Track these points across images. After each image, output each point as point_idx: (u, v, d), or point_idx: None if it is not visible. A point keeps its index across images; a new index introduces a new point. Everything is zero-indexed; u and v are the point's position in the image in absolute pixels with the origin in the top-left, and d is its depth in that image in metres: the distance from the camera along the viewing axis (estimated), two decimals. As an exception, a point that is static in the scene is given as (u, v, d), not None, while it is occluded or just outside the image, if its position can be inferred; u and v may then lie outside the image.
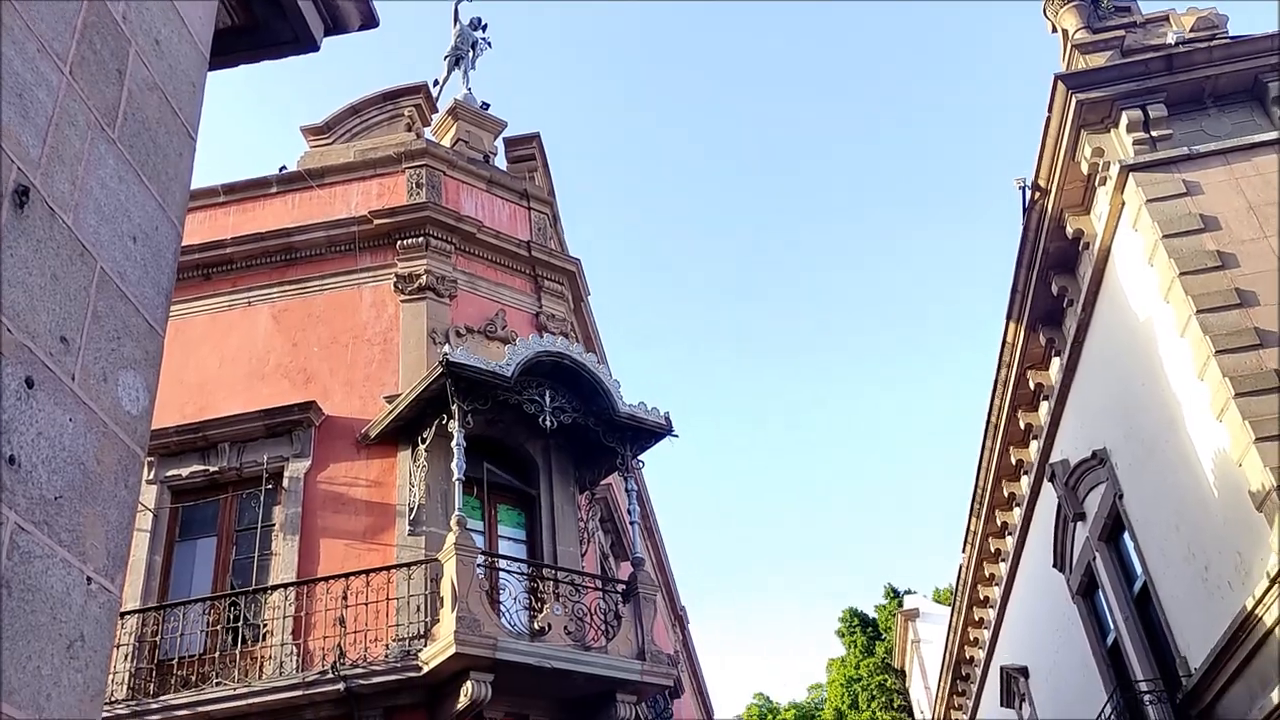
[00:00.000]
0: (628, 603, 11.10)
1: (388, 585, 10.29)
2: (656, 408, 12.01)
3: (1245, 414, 10.01)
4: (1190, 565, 11.80)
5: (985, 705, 24.94)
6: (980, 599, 22.88)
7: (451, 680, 9.62)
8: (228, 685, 9.75)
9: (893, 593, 40.19)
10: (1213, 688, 11.54)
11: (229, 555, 11.13)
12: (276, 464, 11.36)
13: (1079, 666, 16.10)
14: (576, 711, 10.60)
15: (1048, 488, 16.16)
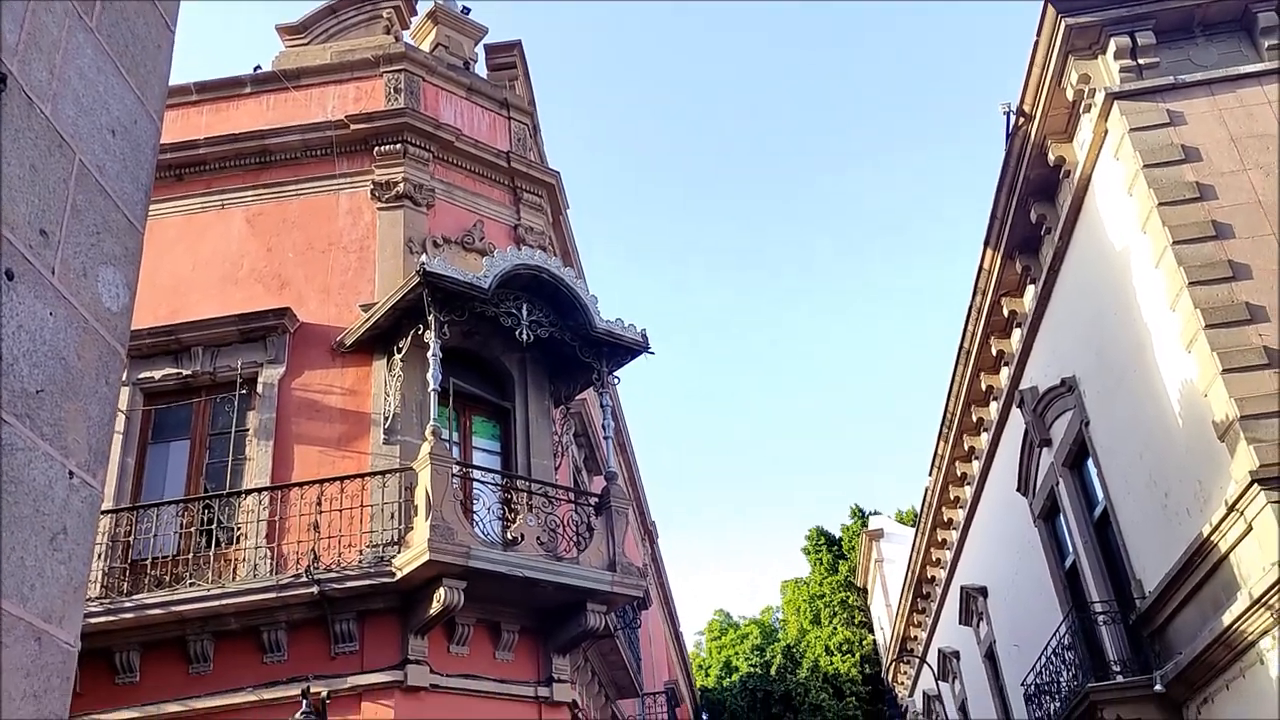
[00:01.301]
0: (600, 515, 11.24)
1: (362, 492, 10.36)
2: (634, 324, 12.01)
3: (1214, 345, 10.15)
4: (1151, 492, 12.07)
5: (944, 622, 25.63)
6: (944, 521, 23.35)
7: (424, 587, 9.76)
8: (201, 586, 9.84)
9: (859, 513, 40.90)
10: (1165, 610, 11.90)
11: (202, 459, 11.14)
12: (250, 369, 11.31)
13: (1037, 588, 16.53)
14: (547, 620, 10.81)
15: (1016, 414, 16.40)
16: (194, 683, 9.74)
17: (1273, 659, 9.79)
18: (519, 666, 10.64)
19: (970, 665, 23.03)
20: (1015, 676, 17.55)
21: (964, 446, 20.17)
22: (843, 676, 35.74)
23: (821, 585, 40.14)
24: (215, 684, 9.72)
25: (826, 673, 35.72)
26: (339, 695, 9.61)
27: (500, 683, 10.41)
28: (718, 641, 42.69)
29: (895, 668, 32.80)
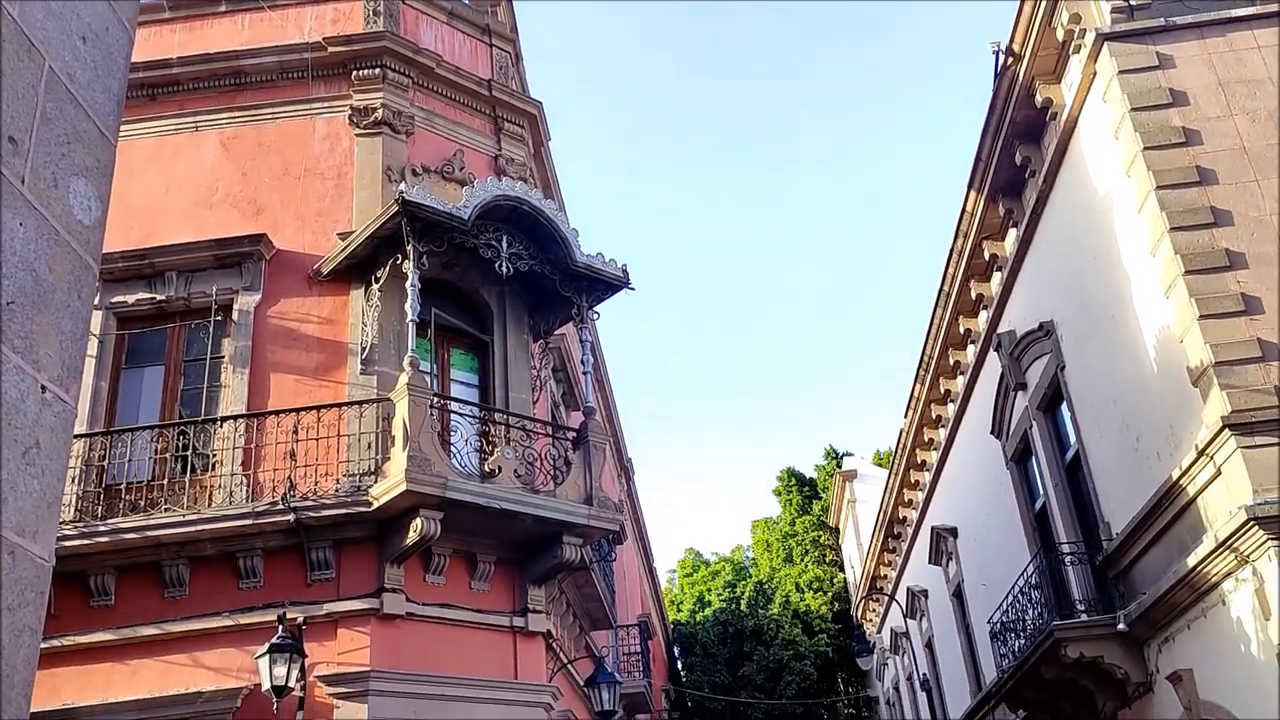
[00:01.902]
0: (577, 450, 11.26)
1: (339, 422, 10.31)
2: (614, 259, 11.92)
3: (1192, 291, 10.20)
4: (1123, 436, 12.20)
5: (914, 562, 26.03)
6: (918, 462, 23.59)
7: (401, 516, 9.77)
8: (177, 512, 9.82)
9: (833, 454, 41.25)
10: (1131, 551, 12.10)
11: (177, 385, 11.04)
12: (226, 296, 11.17)
13: (1007, 529, 16.77)
14: (523, 552, 10.87)
15: (993, 357, 16.49)
16: (169, 607, 9.76)
17: (1235, 600, 9.99)
18: (495, 597, 10.72)
19: (938, 604, 23.44)
20: (982, 615, 17.88)
21: (940, 389, 20.30)
22: (813, 613, 36.34)
23: (794, 525, 40.62)
24: (191, 608, 9.75)
25: (797, 609, 36.29)
26: (315, 622, 9.67)
27: (476, 612, 10.49)
28: (690, 578, 43.22)
29: (864, 605, 33.37)
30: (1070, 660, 12.40)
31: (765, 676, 33.34)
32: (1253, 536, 9.32)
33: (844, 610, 37.14)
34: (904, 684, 28.84)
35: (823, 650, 34.89)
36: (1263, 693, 9.61)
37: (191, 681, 9.49)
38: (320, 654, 9.58)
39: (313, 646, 9.52)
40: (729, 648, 34.87)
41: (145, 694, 9.43)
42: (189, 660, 9.58)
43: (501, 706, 10.31)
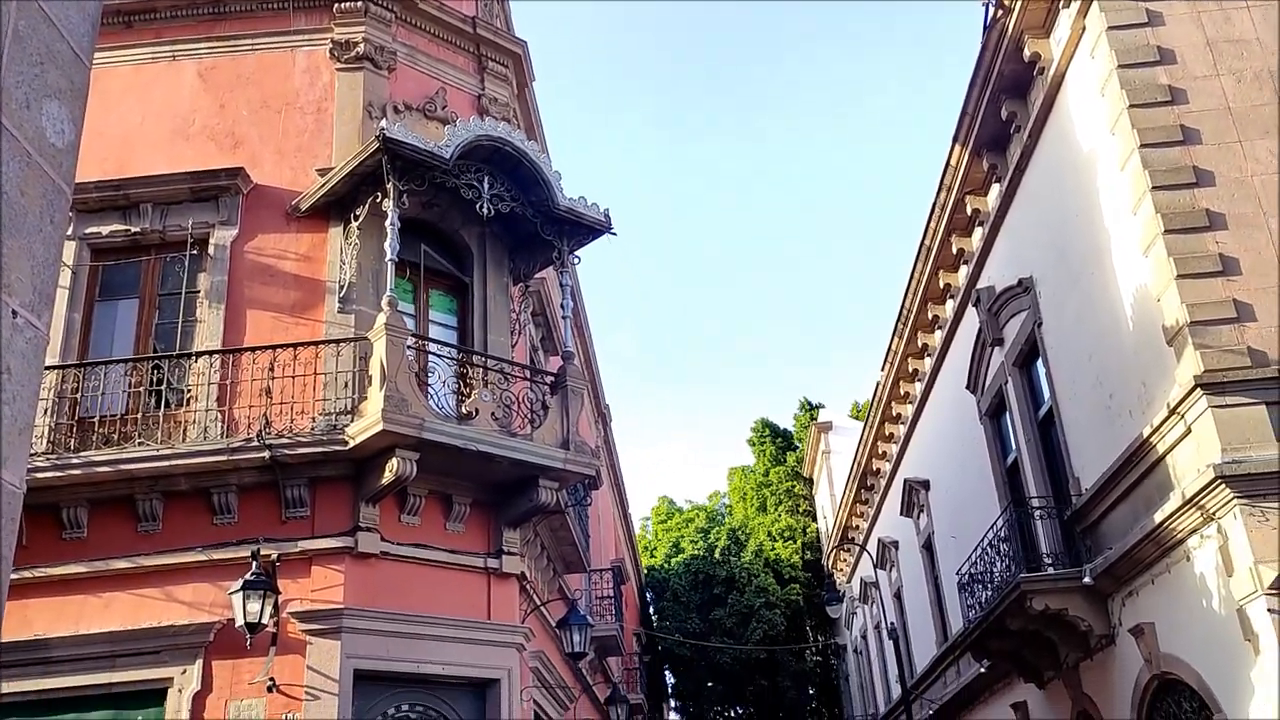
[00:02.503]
0: (555, 394, 11.26)
1: (315, 360, 10.25)
2: (596, 204, 11.85)
3: (1171, 250, 10.24)
4: (1096, 393, 12.31)
5: (886, 513, 26.33)
6: (893, 415, 23.76)
7: (377, 456, 9.76)
8: (150, 446, 9.76)
9: (808, 406, 41.49)
10: (1099, 507, 12.27)
11: (151, 319, 10.92)
12: (202, 230, 11.02)
13: (978, 483, 16.96)
14: (499, 494, 10.90)
15: (971, 313, 16.56)
16: (142, 541, 9.75)
17: (1199, 557, 10.16)
18: (469, 538, 10.76)
19: (908, 555, 23.76)
20: (950, 566, 18.14)
21: (918, 343, 20.40)
22: (784, 562, 36.77)
23: (768, 475, 40.94)
24: (164, 543, 9.74)
25: (769, 558, 36.70)
26: (289, 559, 9.69)
27: (450, 553, 10.54)
28: (664, 524, 43.60)
29: (836, 555, 33.78)
30: (1035, 612, 12.62)
31: (735, 622, 33.80)
32: (1219, 494, 9.46)
33: (815, 560, 37.60)
34: (872, 633, 29.30)
35: (793, 599, 35.35)
36: (1222, 647, 9.82)
37: (164, 615, 9.52)
38: (294, 591, 9.61)
39: (286, 583, 9.55)
40: (700, 594, 35.28)
41: (117, 626, 9.45)
42: (161, 594, 9.59)
43: (474, 646, 10.40)
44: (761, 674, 34.19)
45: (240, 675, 9.34)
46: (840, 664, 36.03)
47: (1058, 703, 14.44)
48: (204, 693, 9.28)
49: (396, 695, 9.99)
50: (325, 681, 9.30)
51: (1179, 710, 11.07)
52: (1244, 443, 9.47)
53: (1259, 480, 9.28)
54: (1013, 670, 15.49)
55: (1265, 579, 9.04)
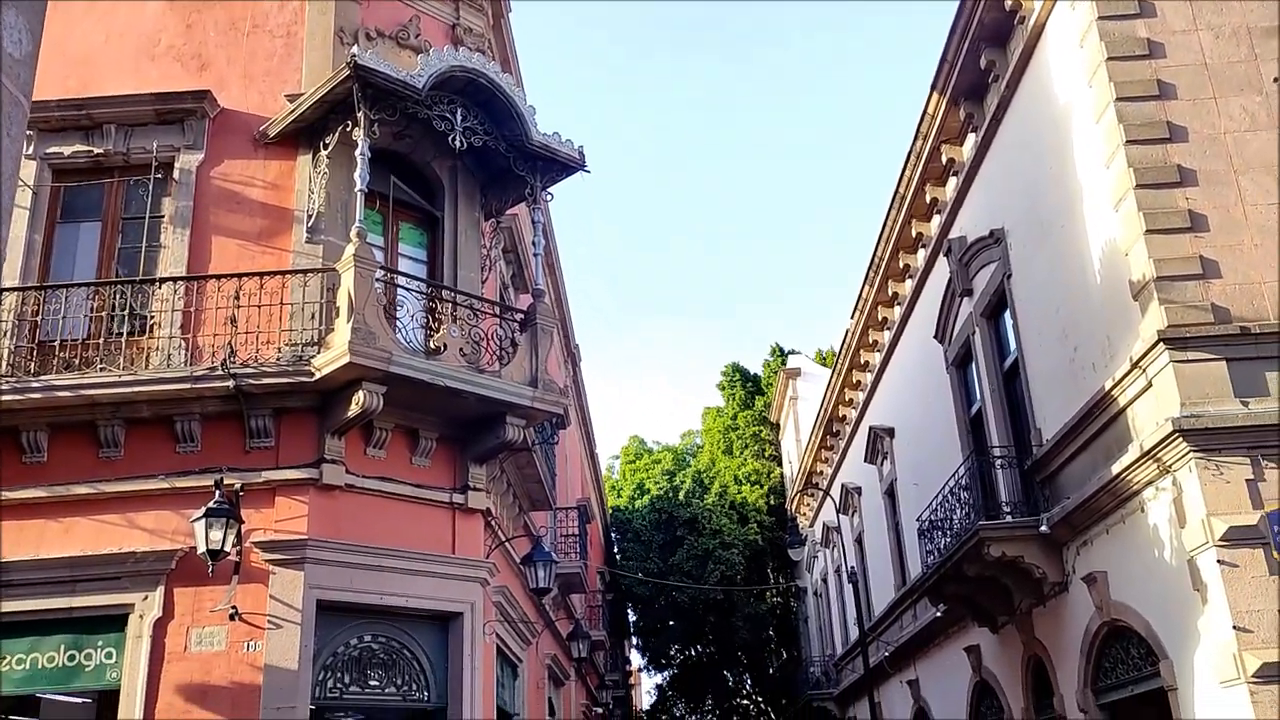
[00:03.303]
0: (524, 332, 11.22)
1: (282, 290, 10.12)
2: (570, 140, 11.72)
3: (1142, 205, 10.29)
4: (1062, 346, 12.43)
5: (850, 459, 26.62)
6: (861, 363, 23.91)
7: (343, 389, 9.70)
8: (113, 372, 9.64)
9: (779, 351, 41.69)
10: (1059, 458, 12.46)
11: (114, 243, 10.72)
12: (167, 153, 10.79)
13: (942, 432, 17.15)
14: (466, 430, 10.89)
15: (942, 262, 16.60)
16: (104, 466, 9.67)
17: (1153, 508, 10.36)
18: (435, 473, 10.77)
19: (870, 501, 24.08)
20: (912, 513, 18.39)
21: (888, 292, 20.47)
22: (749, 505, 37.16)
23: (736, 419, 41.22)
24: (126, 469, 9.66)
25: (734, 500, 37.07)
26: (253, 489, 9.65)
27: (416, 487, 10.54)
28: (632, 465, 43.86)
29: (799, 499, 34.18)
30: (992, 559, 12.85)
31: (694, 564, 34.20)
32: (1176, 447, 9.62)
33: (779, 504, 38.03)
34: (832, 576, 29.77)
35: (751, 539, 35.77)
36: (1171, 596, 10.05)
37: (125, 541, 9.48)
38: (257, 521, 9.59)
39: (250, 513, 9.53)
40: (662, 534, 35.64)
41: (78, 551, 9.41)
42: (123, 520, 9.55)
43: (438, 580, 10.46)
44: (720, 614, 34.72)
45: (202, 603, 9.35)
46: (800, 606, 36.62)
47: (1010, 647, 14.78)
48: (165, 619, 9.28)
49: (360, 626, 10.05)
50: (288, 611, 9.33)
51: (1126, 657, 11.36)
52: (1203, 398, 9.62)
53: (1215, 435, 9.44)
54: (968, 615, 15.80)
55: (1216, 531, 9.24)
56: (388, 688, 10.11)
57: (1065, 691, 12.77)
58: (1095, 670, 12.00)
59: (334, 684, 9.79)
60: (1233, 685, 9.02)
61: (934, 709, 19.86)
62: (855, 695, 26.49)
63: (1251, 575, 9.11)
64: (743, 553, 35.16)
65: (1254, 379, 9.68)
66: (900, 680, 21.96)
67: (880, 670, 22.14)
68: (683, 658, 39.56)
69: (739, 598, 34.50)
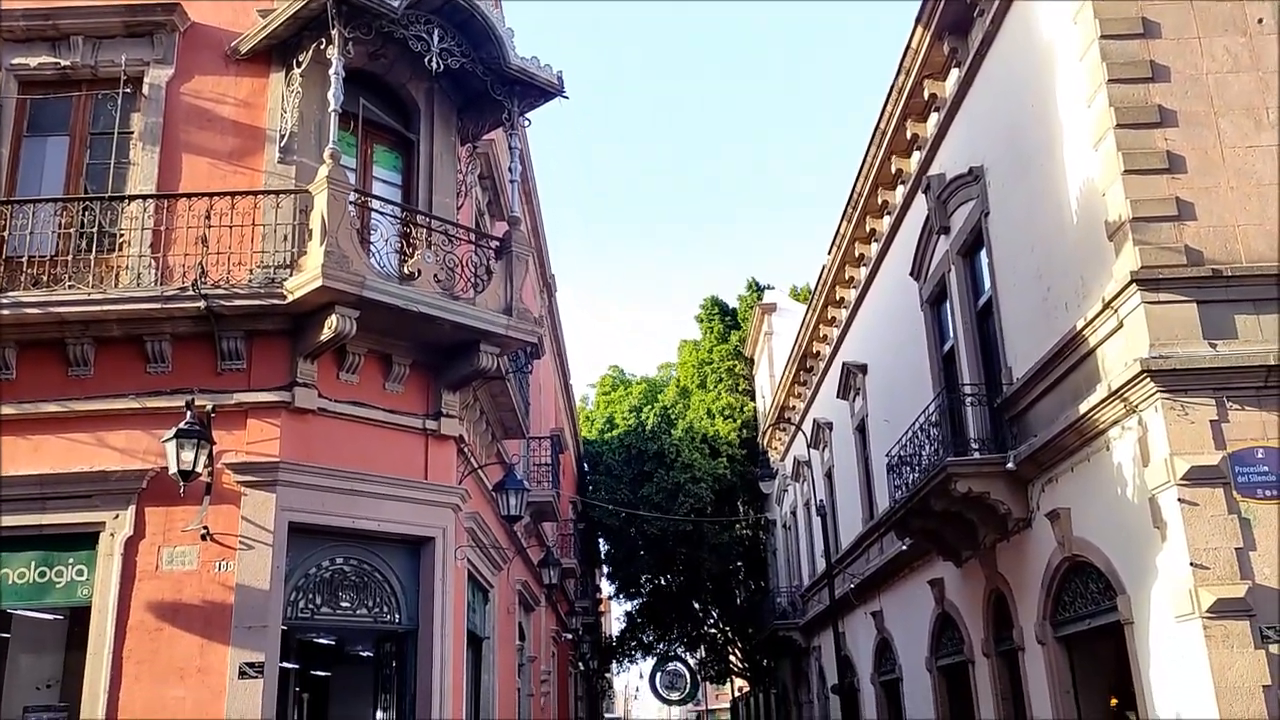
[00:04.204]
0: (500, 259, 11.15)
1: (254, 211, 9.98)
2: (549, 65, 11.55)
3: (1121, 145, 10.28)
4: (1035, 285, 12.48)
5: (822, 395, 26.80)
6: (836, 299, 23.95)
7: (316, 312, 9.63)
8: (82, 290, 9.52)
9: (755, 286, 41.67)
10: (1029, 396, 12.59)
11: (82, 158, 10.50)
12: (136, 67, 10.53)
13: (914, 369, 17.27)
14: (439, 357, 10.87)
15: (920, 199, 16.58)
16: (73, 385, 9.60)
17: (1118, 447, 10.52)
18: (408, 399, 10.77)
19: (841, 436, 24.30)
20: (881, 449, 18.60)
21: (866, 228, 20.44)
22: (721, 438, 37.39)
23: (711, 353, 41.32)
24: (95, 388, 9.59)
25: (706, 434, 37.29)
26: (224, 410, 9.62)
27: (389, 413, 10.54)
28: (607, 396, 43.95)
29: (771, 433, 34.46)
30: (959, 494, 13.04)
31: (663, 497, 34.50)
32: (1143, 387, 9.74)
33: (751, 438, 38.31)
34: (801, 510, 30.16)
35: (721, 473, 36.07)
36: (1132, 533, 10.26)
37: (95, 460, 9.45)
38: (229, 442, 9.58)
39: (221, 434, 9.51)
40: (632, 468, 35.89)
41: (48, 469, 9.38)
42: (93, 439, 9.51)
43: (410, 505, 10.52)
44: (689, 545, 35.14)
45: (173, 523, 9.37)
46: (769, 538, 37.11)
47: (973, 581, 15.07)
48: (136, 538, 9.30)
49: (331, 549, 10.12)
50: (259, 532, 9.37)
51: (1085, 591, 11.62)
52: (1172, 339, 9.72)
53: (1183, 376, 9.56)
54: (933, 549, 16.08)
55: (1179, 471, 9.40)
56: (359, 609, 10.21)
57: (1024, 624, 13.07)
58: (1055, 604, 12.28)
59: (305, 605, 9.88)
60: (1187, 620, 9.26)
61: (896, 639, 20.30)
62: (820, 626, 27.01)
63: (1211, 514, 9.30)
64: (712, 486, 35.47)
65: (1223, 322, 9.78)
66: (865, 612, 22.40)
67: (845, 602, 22.55)
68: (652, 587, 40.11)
69: (708, 530, 34.88)
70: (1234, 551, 9.18)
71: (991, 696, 14.51)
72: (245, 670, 8.98)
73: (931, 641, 17.53)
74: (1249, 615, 9.00)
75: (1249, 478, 9.34)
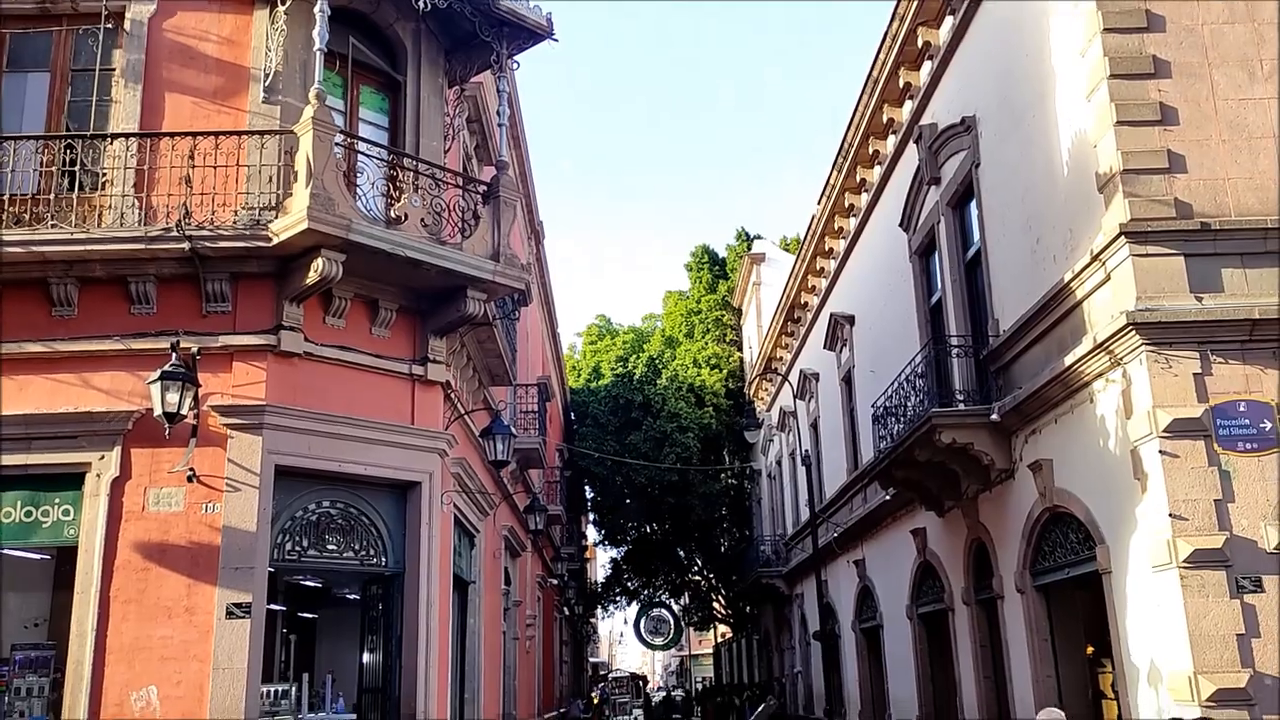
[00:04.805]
0: (487, 204, 11.07)
1: (238, 151, 9.86)
2: (539, 6, 11.40)
3: (1114, 96, 10.22)
4: (1024, 237, 12.48)
5: (809, 345, 26.85)
6: (825, 250, 23.90)
7: (302, 255, 9.56)
8: (64, 229, 9.41)
9: (744, 236, 41.54)
10: (1015, 348, 12.64)
11: (64, 95, 10.32)
12: (117, 2, 10.30)
13: (902, 320, 17.30)
14: (426, 302, 10.82)
15: (911, 150, 16.48)
16: (58, 325, 9.52)
17: (1102, 400, 10.58)
18: (395, 344, 10.73)
19: (827, 387, 24.39)
20: (867, 400, 18.68)
21: (856, 178, 20.35)
22: (707, 388, 37.50)
23: (699, 302, 41.29)
24: (80, 329, 9.52)
25: (692, 384, 37.39)
26: (210, 353, 9.57)
27: (375, 357, 10.52)
28: (594, 346, 43.96)
29: (758, 383, 34.57)
30: (943, 445, 13.13)
31: (650, 446, 34.67)
32: (1128, 340, 9.79)
33: (738, 388, 38.43)
34: (786, 460, 30.35)
35: (708, 423, 36.23)
36: (1112, 484, 10.36)
37: (81, 401, 9.42)
38: (215, 385, 9.55)
39: (207, 377, 9.47)
40: (618, 417, 35.99)
41: (33, 409, 9.35)
42: (78, 380, 9.46)
43: (397, 450, 10.53)
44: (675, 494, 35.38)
45: (160, 464, 9.36)
46: (753, 488, 37.38)
47: (954, 531, 15.23)
48: (123, 479, 9.30)
49: (318, 492, 10.14)
50: (246, 475, 9.38)
51: (1065, 541, 11.76)
52: (1159, 292, 9.74)
53: (1168, 329, 9.61)
54: (915, 499, 16.23)
55: (1161, 423, 9.48)
56: (346, 552, 10.27)
57: (1004, 573, 13.24)
58: (1034, 553, 12.43)
59: (293, 547, 9.93)
60: (1164, 570, 9.39)
61: (878, 587, 20.55)
62: (803, 574, 27.31)
63: (1191, 466, 9.39)
64: (698, 436, 35.65)
65: (1210, 275, 9.81)
66: (847, 560, 22.64)
67: (828, 550, 22.79)
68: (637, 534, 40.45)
69: (694, 478, 35.10)
70: (1213, 503, 9.29)
71: (970, 643, 14.74)
72: (233, 610, 9.04)
73: (912, 590, 17.76)
74: (1225, 566, 9.13)
75: (1230, 430, 9.42)
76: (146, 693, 8.88)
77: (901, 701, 18.74)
